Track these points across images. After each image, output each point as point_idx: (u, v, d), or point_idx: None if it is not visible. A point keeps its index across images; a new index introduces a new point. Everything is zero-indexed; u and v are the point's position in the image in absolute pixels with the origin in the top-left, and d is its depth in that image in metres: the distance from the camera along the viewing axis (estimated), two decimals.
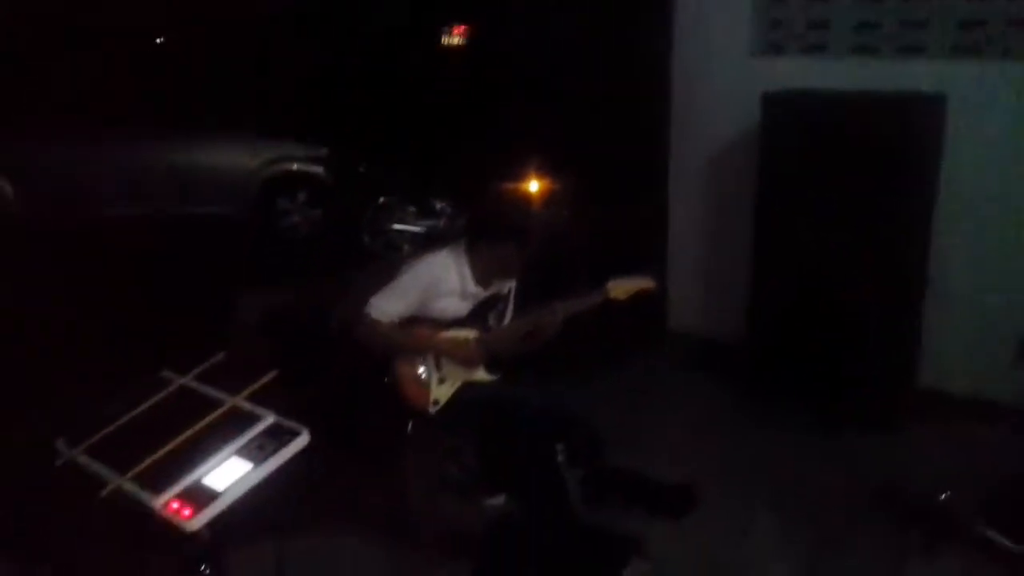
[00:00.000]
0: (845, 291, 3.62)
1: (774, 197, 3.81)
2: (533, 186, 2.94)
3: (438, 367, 2.95)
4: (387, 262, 3.02)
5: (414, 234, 6.69)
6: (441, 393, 2.95)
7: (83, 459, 1.93)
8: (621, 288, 2.96)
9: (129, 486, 1.82)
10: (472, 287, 2.93)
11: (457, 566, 2.64)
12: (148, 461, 1.86)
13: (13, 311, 2.83)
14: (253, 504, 1.99)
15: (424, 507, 3.11)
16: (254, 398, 1.99)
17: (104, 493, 1.82)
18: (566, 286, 3.05)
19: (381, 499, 3.19)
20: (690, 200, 4.59)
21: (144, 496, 1.79)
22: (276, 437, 1.88)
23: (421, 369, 2.93)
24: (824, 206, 3.61)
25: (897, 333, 3.72)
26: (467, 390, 2.98)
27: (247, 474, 1.82)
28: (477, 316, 2.97)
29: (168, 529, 1.77)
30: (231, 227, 7.02)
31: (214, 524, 1.81)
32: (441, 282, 2.88)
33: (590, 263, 3.76)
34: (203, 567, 2.18)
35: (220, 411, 1.97)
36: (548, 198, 2.92)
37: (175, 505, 1.76)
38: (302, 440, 1.88)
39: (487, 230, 2.91)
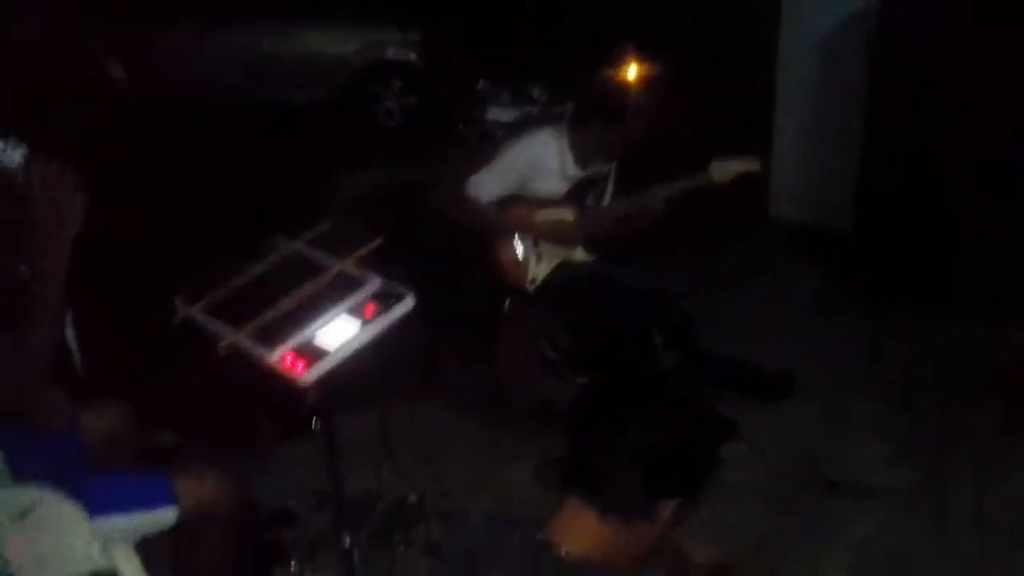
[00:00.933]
0: (963, 178, 3.45)
1: (889, 78, 3.62)
2: (637, 69, 2.84)
3: (536, 246, 2.96)
4: (485, 146, 2.99)
5: (508, 122, 6.63)
6: (538, 271, 2.97)
7: (200, 316, 2.02)
8: (724, 170, 2.88)
9: (244, 341, 1.90)
10: (572, 168, 2.90)
11: (548, 441, 2.70)
12: (262, 319, 1.93)
13: (129, 185, 2.94)
14: (360, 365, 2.07)
15: (518, 384, 3.18)
16: (361, 263, 2.03)
17: (220, 347, 1.91)
18: (668, 168, 2.99)
19: (478, 374, 3.27)
20: (798, 82, 4.40)
21: (258, 351, 1.87)
22: (383, 299, 1.93)
23: (519, 247, 2.95)
24: (945, 89, 3.41)
25: (1015, 224, 3.54)
26: (564, 269, 2.99)
27: (355, 334, 1.88)
28: (576, 196, 2.95)
29: (281, 383, 1.85)
30: (326, 113, 7.07)
31: (324, 381, 1.89)
32: (541, 161, 2.86)
33: (692, 145, 3.67)
34: (314, 422, 2.30)
35: (329, 274, 2.03)
36: (652, 80, 2.83)
37: (288, 360, 1.84)
38: (408, 303, 1.92)
39: (591, 112, 2.86)
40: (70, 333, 2.68)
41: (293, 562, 2.48)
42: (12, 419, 1.88)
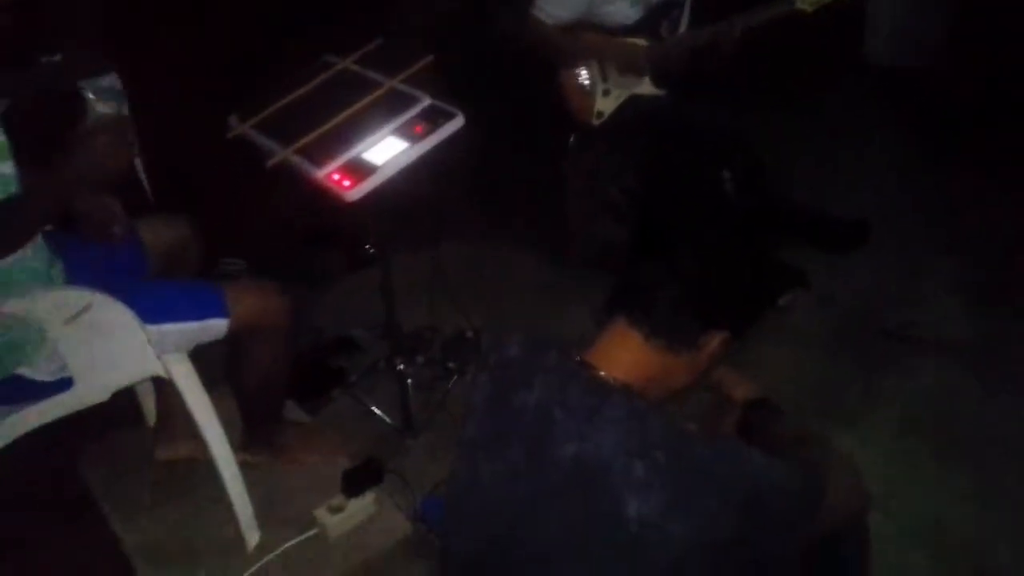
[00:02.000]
0: None
1: None
2: None
3: (604, 78, 2.82)
4: None
5: None
6: (606, 105, 2.84)
7: (252, 133, 2.00)
8: None
9: (294, 158, 1.88)
10: None
11: (606, 283, 2.66)
12: (312, 136, 1.90)
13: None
14: (416, 192, 2.04)
15: (580, 223, 3.12)
16: (411, 81, 1.96)
17: (270, 163, 1.89)
18: None
19: (539, 211, 3.22)
20: None
21: (308, 167, 1.85)
22: (432, 118, 1.87)
23: (586, 78, 2.81)
24: None
25: None
26: (632, 104, 2.85)
27: (404, 151, 1.83)
28: (648, 23, 2.77)
29: (330, 198, 1.84)
30: None
31: (377, 203, 1.87)
32: None
33: None
34: (367, 246, 2.31)
35: (378, 92, 1.97)
36: None
37: (336, 176, 1.81)
38: (457, 122, 1.85)
39: None
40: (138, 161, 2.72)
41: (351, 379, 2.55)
42: (71, 227, 1.93)
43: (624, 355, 1.24)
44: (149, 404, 2.31)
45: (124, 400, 2.17)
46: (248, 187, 2.44)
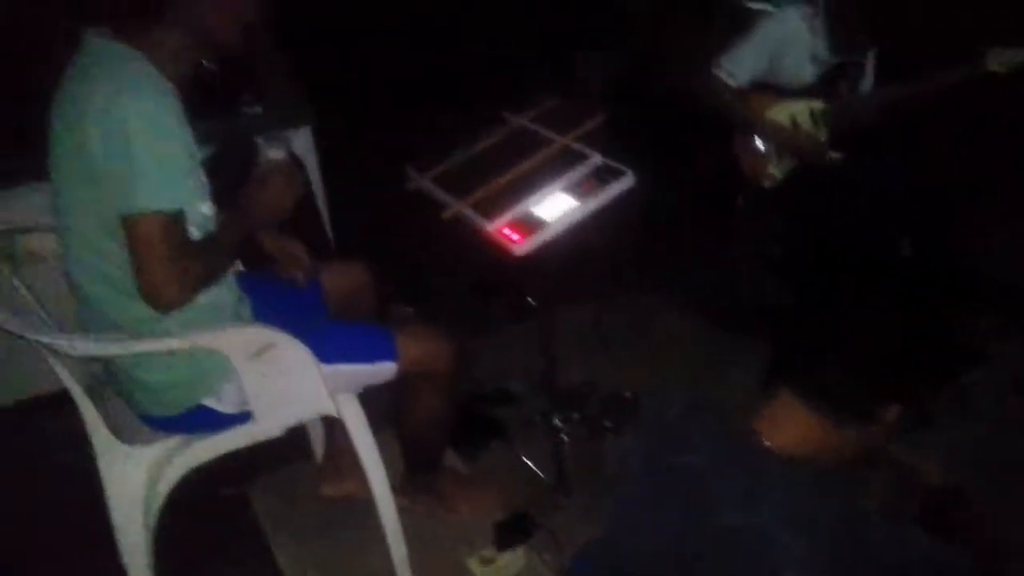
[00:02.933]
0: None
1: None
2: None
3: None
4: (733, 25, 2.79)
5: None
6: (780, 168, 2.78)
7: (429, 185, 2.09)
8: (1006, 58, 2.51)
9: (467, 211, 1.95)
10: (823, 51, 2.66)
11: (771, 348, 2.57)
12: (485, 190, 1.97)
13: (371, 56, 3.05)
14: (582, 246, 2.06)
15: (744, 283, 3.04)
16: (583, 139, 2.00)
17: (445, 215, 1.97)
18: (938, 55, 2.65)
19: (702, 268, 3.16)
20: None
21: (479, 220, 1.91)
22: (601, 176, 1.89)
23: (762, 142, 2.77)
24: None
25: None
26: (808, 168, 2.78)
27: (573, 208, 1.86)
28: (826, 84, 2.71)
29: (499, 251, 1.88)
30: None
31: (542, 257, 1.90)
32: (790, 40, 2.64)
33: (968, 27, 3.23)
34: (528, 298, 2.34)
35: (551, 149, 2.01)
36: None
37: (506, 230, 1.86)
38: (626, 181, 1.87)
39: None
40: (322, 203, 2.89)
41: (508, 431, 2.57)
42: (260, 268, 2.07)
43: (789, 425, 1.19)
44: (318, 441, 2.41)
45: (295, 435, 2.28)
46: (422, 236, 2.53)
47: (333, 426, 2.22)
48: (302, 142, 2.77)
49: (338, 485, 2.29)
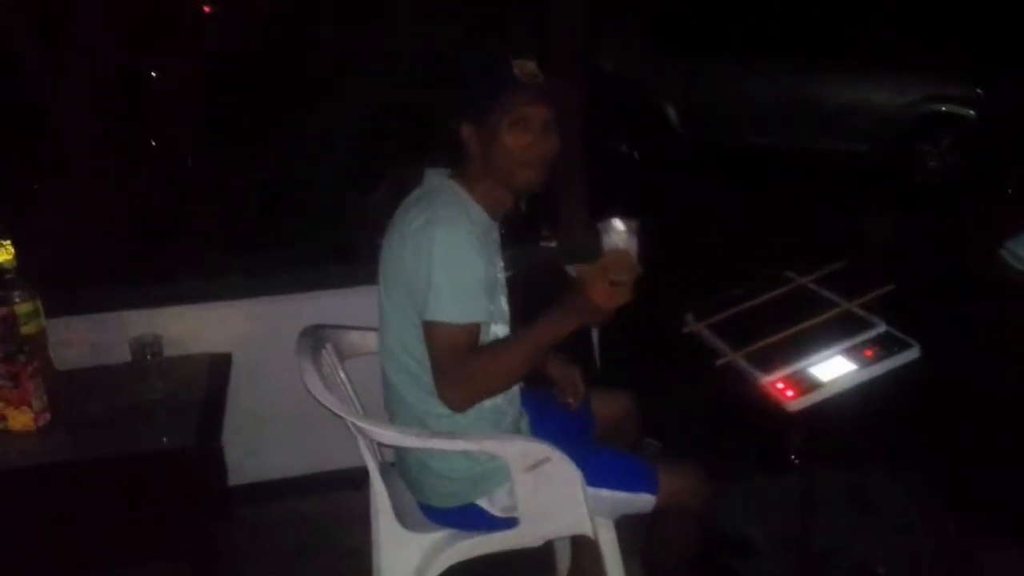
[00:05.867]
0: None
1: None
2: None
3: None
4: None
5: None
6: None
7: (705, 332, 2.19)
8: None
9: (742, 361, 2.02)
10: None
11: None
12: (761, 343, 2.04)
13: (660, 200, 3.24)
14: (851, 412, 2.05)
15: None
16: (867, 306, 2.03)
17: (719, 363, 2.05)
18: None
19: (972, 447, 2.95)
20: None
21: (753, 372, 1.97)
22: (885, 345, 1.90)
23: None
24: None
25: None
26: None
27: (851, 372, 1.88)
28: None
29: (769, 406, 1.93)
30: (860, 162, 6.82)
31: (812, 417, 1.92)
32: None
33: None
34: (792, 456, 2.34)
35: (833, 312, 2.05)
36: None
37: (780, 385, 1.91)
38: (911, 353, 1.87)
39: None
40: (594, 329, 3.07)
41: None
42: (538, 389, 2.25)
43: None
44: (563, 561, 2.51)
45: (540, 552, 2.41)
46: (687, 378, 2.62)
47: (580, 550, 2.31)
48: None
49: None
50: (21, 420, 2.31)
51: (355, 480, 2.72)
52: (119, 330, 2.64)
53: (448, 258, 1.77)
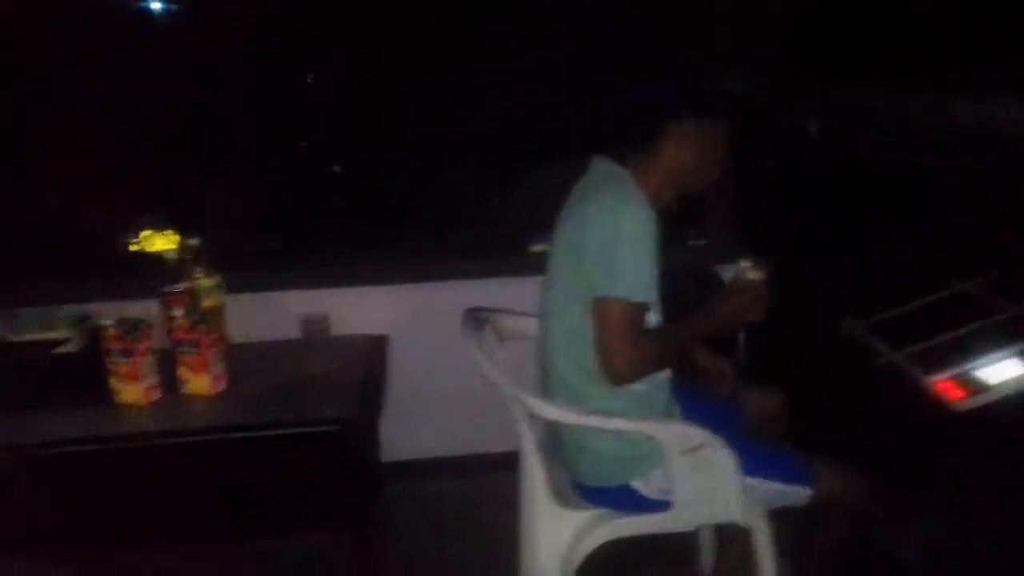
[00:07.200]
0: None
1: None
2: None
3: None
4: None
5: None
6: None
7: (864, 334, 2.19)
8: None
9: (903, 362, 2.02)
10: None
11: None
12: (924, 344, 2.02)
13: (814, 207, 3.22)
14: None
15: None
16: None
17: (880, 363, 2.05)
18: None
19: None
20: None
21: (916, 373, 1.96)
22: None
23: None
24: None
25: None
26: None
27: (1022, 376, 1.85)
28: None
29: (933, 408, 1.92)
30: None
31: (980, 417, 1.90)
32: None
33: None
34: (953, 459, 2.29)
35: (1002, 317, 2.02)
36: None
37: (946, 386, 1.89)
38: None
39: None
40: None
41: None
42: (689, 380, 2.29)
43: None
44: (706, 553, 2.53)
45: (683, 543, 2.45)
46: (843, 379, 2.59)
47: (725, 541, 2.33)
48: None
49: None
50: (201, 385, 2.50)
51: (500, 463, 2.83)
52: (288, 309, 2.82)
53: (635, 237, 1.84)
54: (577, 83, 3.98)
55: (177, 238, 2.90)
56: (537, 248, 3.11)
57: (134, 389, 2.45)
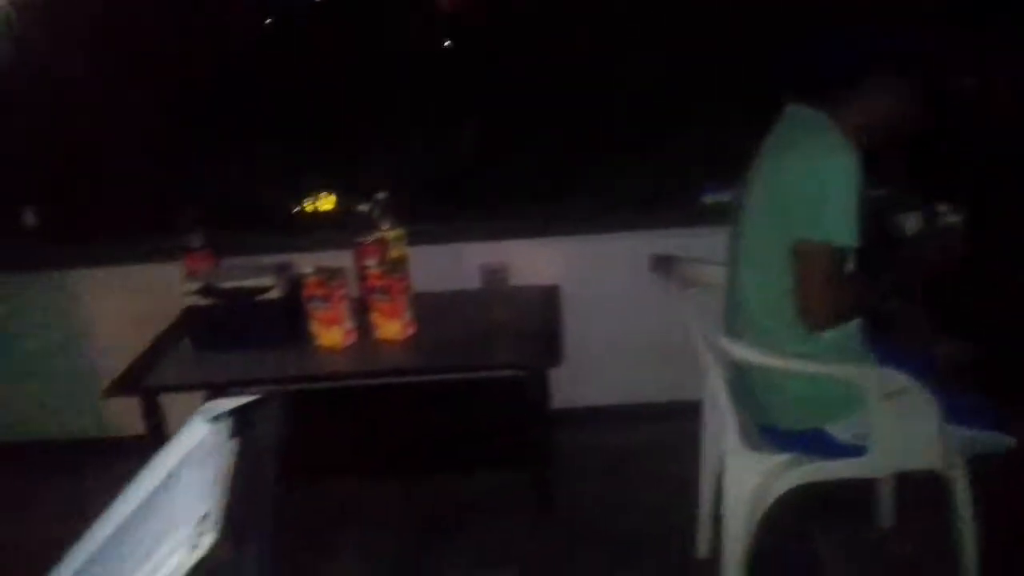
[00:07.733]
0: None
1: None
2: None
3: None
4: None
5: None
6: None
7: None
8: None
9: None
10: None
11: None
12: None
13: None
14: None
15: None
16: None
17: None
18: None
19: None
20: None
21: None
22: None
23: None
24: None
25: None
26: None
27: None
28: None
29: None
30: None
31: None
32: None
33: None
34: None
35: None
36: None
37: None
38: None
39: None
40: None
41: None
42: (881, 329, 2.26)
43: None
44: (886, 504, 2.51)
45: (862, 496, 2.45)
46: None
47: (908, 498, 2.32)
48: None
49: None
50: (392, 330, 2.64)
51: (667, 413, 2.89)
52: (467, 259, 2.94)
53: (847, 182, 1.84)
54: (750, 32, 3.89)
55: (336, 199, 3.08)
56: (710, 199, 3.12)
57: (333, 333, 2.62)
